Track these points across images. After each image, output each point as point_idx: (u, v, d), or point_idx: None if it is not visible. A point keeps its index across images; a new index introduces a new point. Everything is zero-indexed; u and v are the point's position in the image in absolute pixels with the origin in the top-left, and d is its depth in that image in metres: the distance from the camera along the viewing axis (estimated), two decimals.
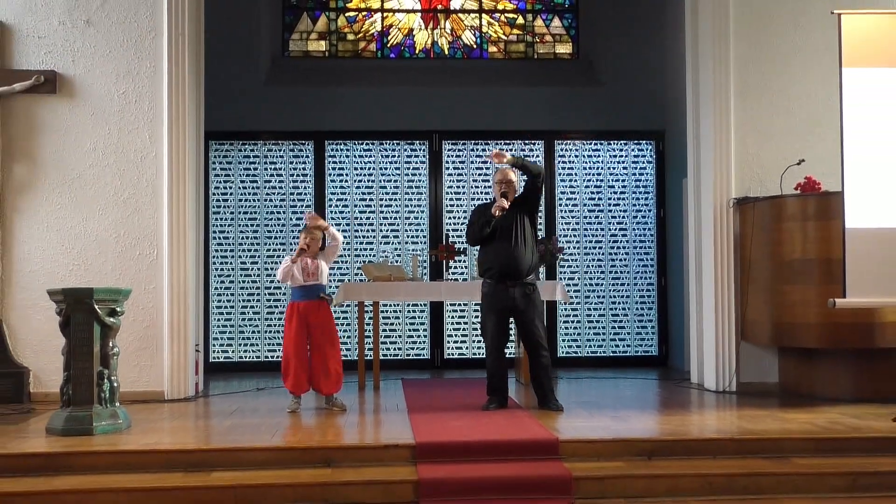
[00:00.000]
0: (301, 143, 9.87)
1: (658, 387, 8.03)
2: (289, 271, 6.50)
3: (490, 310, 6.54)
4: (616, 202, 10.06)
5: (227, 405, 6.89)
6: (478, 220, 6.55)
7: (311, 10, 10.30)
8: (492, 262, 6.51)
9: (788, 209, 6.93)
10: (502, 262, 6.44)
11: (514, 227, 6.47)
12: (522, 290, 6.47)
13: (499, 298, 6.48)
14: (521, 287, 6.47)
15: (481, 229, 6.49)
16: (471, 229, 6.63)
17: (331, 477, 4.81)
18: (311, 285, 6.56)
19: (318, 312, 6.56)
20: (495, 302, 6.50)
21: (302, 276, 6.51)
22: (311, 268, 6.53)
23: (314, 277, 6.54)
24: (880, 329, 6.68)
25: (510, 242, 6.44)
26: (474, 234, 6.57)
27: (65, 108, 7.24)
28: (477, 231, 6.53)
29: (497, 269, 6.47)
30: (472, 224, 6.61)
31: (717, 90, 7.47)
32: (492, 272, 6.50)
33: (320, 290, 6.62)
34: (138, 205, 7.24)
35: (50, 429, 5.60)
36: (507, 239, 6.46)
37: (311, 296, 6.56)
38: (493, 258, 6.50)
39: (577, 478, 4.77)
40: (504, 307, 6.48)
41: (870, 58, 6.22)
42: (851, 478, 4.87)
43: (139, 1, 7.29)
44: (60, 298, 5.71)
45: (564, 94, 10.07)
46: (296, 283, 6.54)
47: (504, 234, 6.47)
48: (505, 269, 6.44)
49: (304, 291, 6.55)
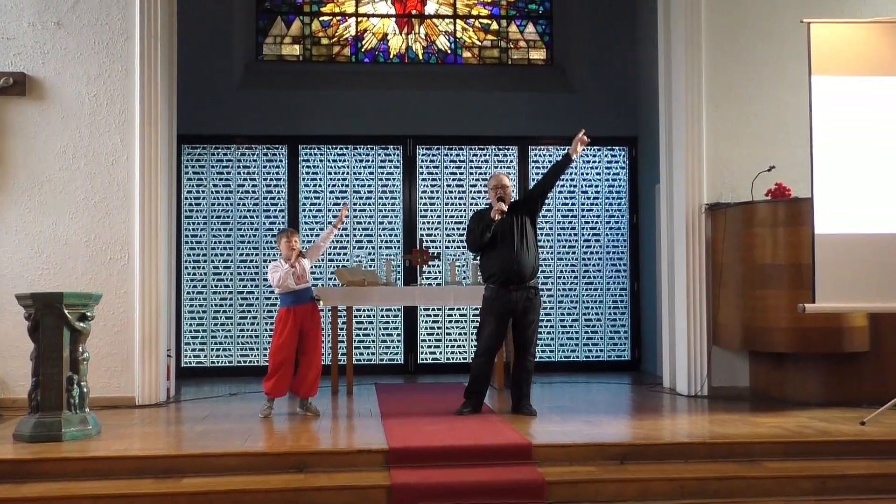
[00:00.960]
0: (275, 148, 9.84)
1: (630, 391, 8.08)
2: (287, 276, 6.40)
3: (491, 313, 6.48)
4: (589, 208, 10.11)
5: (198, 411, 6.84)
6: (477, 227, 6.49)
7: (286, 14, 10.28)
8: (495, 268, 6.44)
9: (759, 215, 7.00)
10: (506, 267, 6.38)
11: (514, 230, 6.43)
12: (525, 294, 6.43)
13: (502, 302, 6.42)
14: (525, 290, 6.43)
15: (482, 235, 6.42)
16: (471, 236, 6.55)
17: (303, 482, 4.79)
18: (302, 289, 6.53)
19: (313, 317, 6.53)
20: (497, 306, 6.43)
21: (293, 281, 6.48)
22: (299, 270, 6.49)
23: (303, 280, 6.52)
24: (848, 334, 6.76)
25: (513, 246, 6.39)
26: (475, 240, 6.49)
27: (34, 110, 7.17)
28: (478, 237, 6.45)
29: (501, 274, 6.40)
30: (472, 231, 6.53)
31: (689, 97, 7.53)
32: (495, 277, 6.44)
33: (311, 293, 6.59)
34: (109, 209, 7.18)
35: (18, 435, 5.53)
36: (509, 243, 6.40)
37: (305, 299, 6.53)
38: (496, 263, 6.44)
39: (549, 482, 4.78)
40: (506, 311, 6.43)
41: (838, 66, 6.30)
42: (820, 481, 4.92)
43: (111, 3, 7.23)
44: (29, 303, 5.65)
45: (538, 100, 10.12)
46: (288, 289, 6.49)
47: (506, 238, 6.42)
48: (509, 273, 6.38)
49: (296, 296, 6.50)
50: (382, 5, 10.40)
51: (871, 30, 6.43)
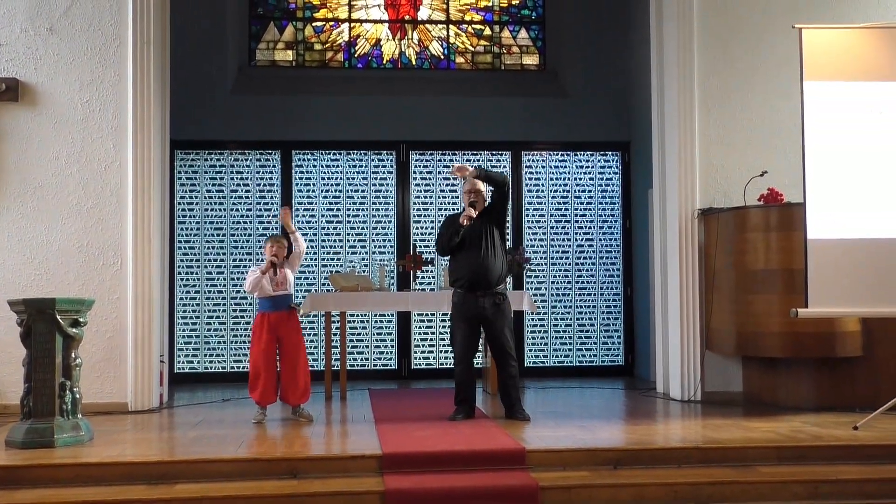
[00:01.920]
0: (268, 153, 9.83)
1: (624, 396, 8.08)
2: (258, 282, 6.45)
3: (460, 319, 6.55)
4: (582, 213, 10.12)
5: (191, 416, 6.82)
6: (447, 231, 6.57)
7: (278, 19, 10.28)
8: (461, 272, 6.52)
9: (752, 220, 7.02)
10: (472, 272, 6.46)
11: (482, 236, 6.49)
12: (492, 300, 6.49)
13: (469, 308, 6.49)
14: (492, 296, 6.48)
15: (450, 239, 6.51)
16: (440, 240, 6.64)
17: (297, 488, 4.78)
18: (280, 295, 6.52)
19: (289, 323, 6.53)
20: (465, 311, 6.51)
21: (271, 287, 6.47)
22: (279, 277, 6.49)
23: (282, 287, 6.52)
24: (841, 338, 6.78)
25: (479, 252, 6.47)
26: (443, 244, 6.59)
27: (27, 116, 7.15)
28: (446, 241, 6.55)
29: (467, 279, 6.48)
30: (442, 234, 6.63)
31: (681, 102, 7.55)
32: (461, 282, 6.52)
33: (289, 300, 6.59)
34: (102, 214, 7.17)
35: (10, 441, 5.50)
36: (476, 248, 6.48)
37: (281, 306, 6.53)
38: (462, 268, 6.52)
39: (543, 487, 4.78)
40: (474, 316, 6.50)
41: (830, 72, 6.33)
42: (813, 486, 4.93)
43: (103, 9, 7.23)
44: (22, 309, 5.63)
45: (531, 105, 10.13)
46: (264, 294, 6.50)
47: (473, 243, 6.49)
48: (475, 278, 6.46)
49: (273, 302, 6.52)
50: (375, 11, 10.40)
51: (863, 35, 6.46)
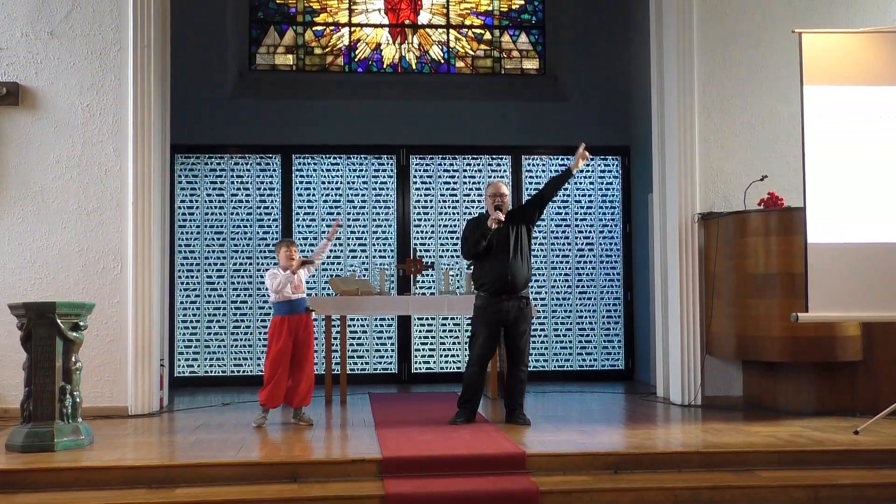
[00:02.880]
0: (268, 157, 9.83)
1: (624, 401, 8.08)
2: (286, 283, 6.43)
3: (483, 323, 6.47)
4: (582, 217, 10.12)
5: (191, 420, 6.82)
6: (472, 235, 6.47)
7: (279, 23, 10.29)
8: (488, 277, 6.43)
9: (752, 224, 7.02)
10: (499, 276, 6.38)
11: (510, 239, 6.43)
12: (517, 304, 6.43)
13: (493, 311, 6.42)
14: (516, 300, 6.43)
15: (477, 244, 6.40)
16: (466, 244, 6.54)
17: (297, 492, 4.78)
18: (298, 299, 6.54)
19: (306, 328, 6.54)
20: (489, 315, 6.43)
21: (291, 290, 6.48)
22: (296, 281, 6.51)
23: (299, 290, 6.54)
24: (841, 343, 6.77)
25: (507, 256, 6.40)
26: (470, 248, 6.48)
27: (27, 120, 7.16)
28: (473, 245, 6.44)
29: (493, 283, 6.40)
30: (468, 238, 6.51)
31: (681, 107, 7.56)
32: (488, 286, 6.43)
33: (305, 303, 6.60)
34: (102, 218, 7.17)
35: (10, 445, 5.50)
36: (504, 252, 6.41)
37: (299, 309, 6.54)
38: (489, 272, 6.43)
39: (543, 491, 4.78)
40: (498, 320, 6.43)
41: (830, 76, 6.34)
42: (814, 490, 4.93)
43: (104, 13, 7.24)
44: (22, 313, 5.63)
45: (531, 110, 10.14)
46: (284, 298, 6.50)
47: (501, 247, 6.42)
48: (502, 282, 6.38)
49: (291, 306, 6.51)
50: (376, 15, 10.42)
51: (863, 40, 6.48)
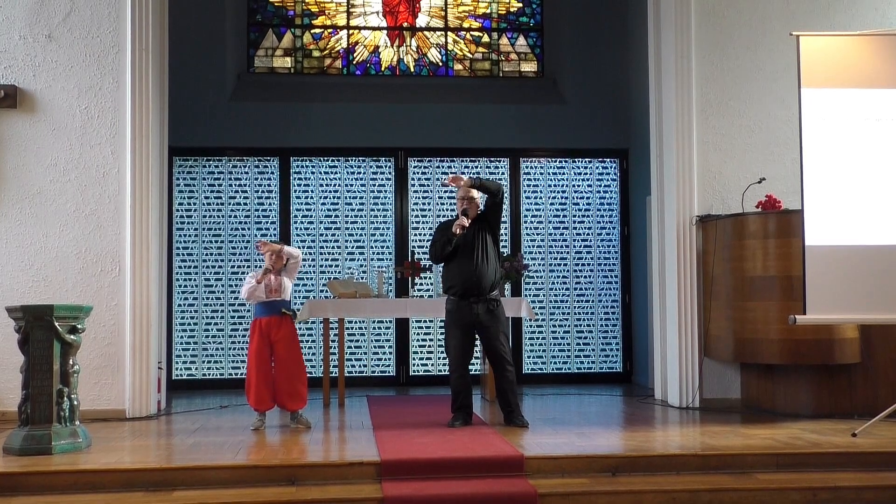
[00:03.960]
0: (266, 160, 9.83)
1: (622, 403, 8.08)
2: (253, 290, 6.52)
3: (454, 326, 6.56)
4: (581, 219, 10.13)
5: (189, 423, 6.82)
6: (440, 238, 6.58)
7: (277, 26, 10.29)
8: (455, 280, 6.53)
9: (750, 227, 7.02)
10: (465, 279, 6.48)
11: (475, 244, 6.51)
12: (486, 306, 6.50)
13: (462, 315, 6.50)
14: (485, 303, 6.50)
15: (443, 247, 6.53)
16: (433, 247, 6.65)
17: (295, 495, 4.77)
18: (274, 301, 6.55)
19: (280, 328, 6.54)
20: (459, 318, 6.52)
21: (265, 293, 6.51)
22: (273, 284, 6.55)
23: (276, 294, 6.55)
24: (839, 345, 6.77)
25: (472, 259, 6.49)
26: (436, 252, 6.61)
27: (25, 122, 7.16)
28: (439, 249, 6.56)
29: (460, 286, 6.50)
30: (435, 242, 6.64)
31: (679, 109, 7.56)
32: (455, 289, 6.53)
33: (282, 306, 6.60)
34: (100, 221, 7.16)
35: (7, 448, 5.50)
36: (469, 256, 6.49)
37: (274, 311, 6.55)
38: (456, 275, 6.53)
39: (541, 494, 4.77)
40: (468, 323, 6.50)
41: (827, 78, 6.34)
42: (812, 493, 4.92)
43: (102, 16, 7.24)
44: (19, 315, 5.62)
45: (529, 112, 10.15)
46: (259, 300, 6.53)
47: (466, 251, 6.51)
48: (468, 285, 6.47)
49: (266, 307, 6.55)
50: (374, 18, 10.42)
51: (861, 43, 6.48)
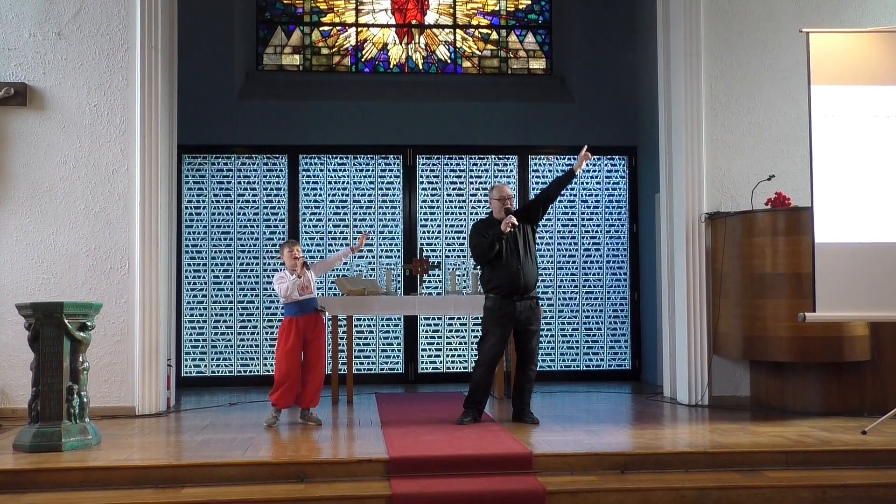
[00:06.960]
0: (275, 157, 9.85)
1: (631, 401, 8.06)
2: (294, 287, 6.43)
3: (496, 323, 6.47)
4: (589, 217, 10.11)
5: (198, 420, 6.83)
6: (483, 239, 6.46)
7: (286, 24, 10.30)
8: (501, 278, 6.44)
9: (759, 224, 7.00)
10: (512, 278, 6.41)
11: (518, 241, 6.47)
12: (529, 304, 6.47)
13: (506, 312, 6.43)
14: (528, 300, 6.47)
15: (492, 248, 6.41)
16: (478, 249, 6.50)
17: (304, 492, 4.78)
18: (307, 299, 6.54)
19: (316, 327, 6.54)
20: (501, 316, 6.44)
21: (298, 292, 6.49)
22: (303, 281, 6.51)
23: (308, 291, 6.53)
24: (849, 343, 6.75)
25: (519, 258, 6.43)
26: (484, 252, 6.45)
27: (35, 120, 7.18)
28: (488, 249, 6.42)
29: (506, 286, 6.42)
30: (481, 243, 6.47)
31: (688, 106, 7.54)
32: (500, 288, 6.44)
33: (315, 303, 6.60)
34: (110, 218, 7.18)
35: (17, 445, 5.52)
36: (515, 254, 6.44)
37: (308, 310, 6.54)
38: (502, 275, 6.44)
39: (550, 492, 4.77)
40: (510, 321, 6.45)
41: (837, 75, 6.32)
42: (821, 490, 4.91)
43: (111, 14, 7.25)
44: (29, 313, 5.65)
45: (538, 110, 10.13)
46: (292, 300, 6.50)
47: (512, 249, 6.45)
48: (514, 284, 6.41)
49: (300, 306, 6.51)
50: (382, 15, 10.42)
51: (871, 39, 6.45)
